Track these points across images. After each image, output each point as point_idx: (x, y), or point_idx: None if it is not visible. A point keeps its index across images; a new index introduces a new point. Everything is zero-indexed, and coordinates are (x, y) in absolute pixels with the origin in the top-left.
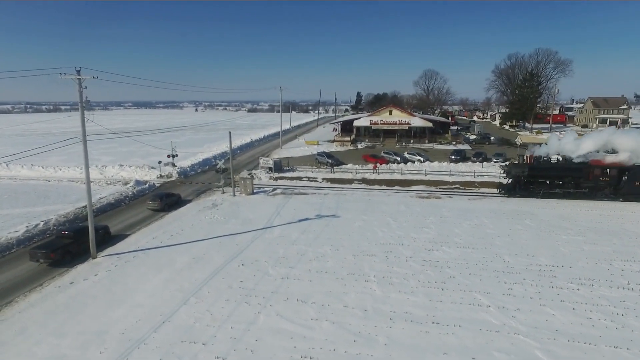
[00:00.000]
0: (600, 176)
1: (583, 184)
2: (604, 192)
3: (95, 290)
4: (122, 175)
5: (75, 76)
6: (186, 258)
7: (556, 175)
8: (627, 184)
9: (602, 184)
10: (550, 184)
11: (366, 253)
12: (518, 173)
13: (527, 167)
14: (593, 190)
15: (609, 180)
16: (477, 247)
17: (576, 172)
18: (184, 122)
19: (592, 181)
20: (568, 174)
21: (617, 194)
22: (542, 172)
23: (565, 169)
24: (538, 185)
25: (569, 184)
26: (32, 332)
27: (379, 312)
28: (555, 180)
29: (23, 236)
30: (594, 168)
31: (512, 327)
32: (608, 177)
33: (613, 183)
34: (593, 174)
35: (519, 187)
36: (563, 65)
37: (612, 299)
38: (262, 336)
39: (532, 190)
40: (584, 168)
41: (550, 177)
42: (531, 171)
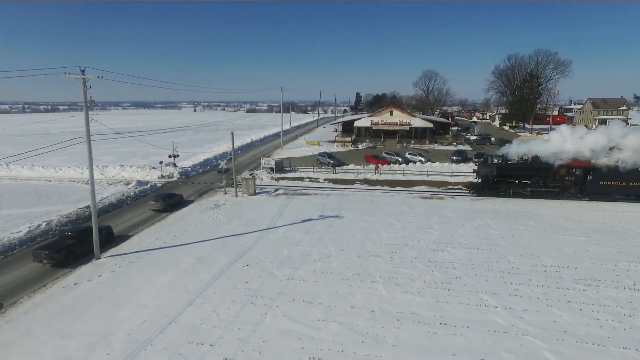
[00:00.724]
0: (566, 176)
1: (550, 183)
2: (570, 192)
3: (100, 291)
4: (123, 175)
5: (79, 76)
6: (190, 258)
7: (524, 175)
8: (592, 184)
9: (568, 184)
10: (519, 184)
11: (371, 254)
12: (487, 173)
13: (495, 167)
14: (560, 189)
15: (575, 179)
16: (481, 247)
17: (543, 172)
18: (184, 123)
19: (559, 181)
20: (535, 173)
21: (583, 193)
22: (510, 171)
23: (532, 169)
24: (506, 185)
25: (536, 183)
26: (38, 333)
27: (386, 313)
28: (523, 179)
29: (25, 237)
30: (559, 168)
31: (520, 328)
32: (574, 176)
33: (579, 183)
34: (559, 174)
35: (488, 186)
36: (562, 66)
37: (618, 300)
38: (269, 337)
39: (501, 189)
40: (550, 168)
41: (518, 177)
42: (499, 171)
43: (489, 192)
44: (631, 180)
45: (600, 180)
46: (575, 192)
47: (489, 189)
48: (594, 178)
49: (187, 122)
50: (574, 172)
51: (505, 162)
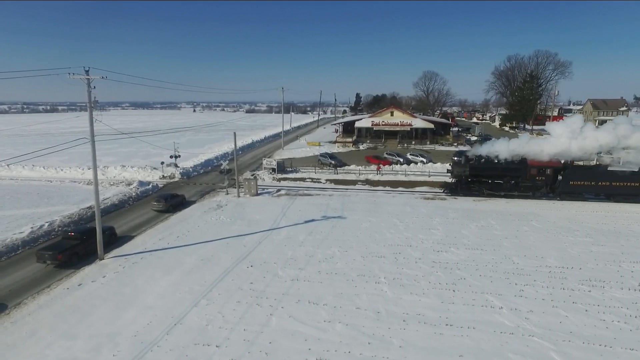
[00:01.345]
0: (537, 176)
1: (522, 183)
2: (541, 192)
3: (105, 292)
4: (125, 176)
5: (83, 76)
6: (194, 259)
7: (496, 175)
8: (563, 184)
9: (540, 184)
10: (492, 183)
11: (375, 254)
12: (460, 173)
13: (468, 167)
14: (531, 189)
15: (545, 179)
16: (485, 248)
17: (514, 172)
18: (183, 123)
19: (530, 180)
20: (507, 173)
21: (554, 193)
22: (482, 171)
23: (504, 169)
24: (479, 185)
25: (508, 183)
26: (43, 334)
27: (392, 313)
28: (496, 179)
29: (28, 237)
30: (530, 168)
31: (527, 329)
32: (544, 176)
33: (549, 182)
34: (530, 174)
35: (461, 186)
36: (562, 67)
37: (624, 301)
38: (275, 338)
39: (474, 189)
40: (522, 168)
41: (491, 177)
42: (472, 171)
43: (463, 192)
44: (600, 180)
45: (571, 180)
46: (547, 191)
47: (462, 188)
48: (565, 178)
49: (186, 122)
50: (544, 172)
51: (478, 162)
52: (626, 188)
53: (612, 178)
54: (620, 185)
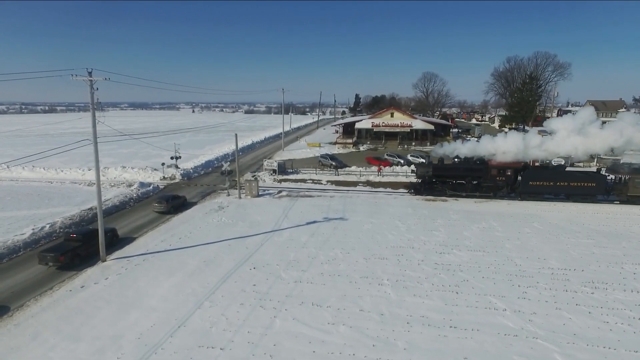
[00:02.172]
0: (497, 176)
1: (483, 183)
2: (502, 192)
3: (107, 294)
4: (125, 177)
5: (86, 77)
6: (197, 261)
7: (458, 175)
8: (523, 184)
9: (501, 184)
10: (454, 184)
11: (377, 256)
12: (423, 173)
13: (431, 168)
14: (493, 189)
15: (506, 180)
16: (487, 250)
17: (476, 172)
18: (183, 124)
19: (491, 181)
20: (469, 174)
21: (515, 193)
22: (445, 172)
23: (466, 169)
24: (442, 185)
25: (470, 183)
26: (47, 337)
27: (396, 316)
28: (458, 180)
29: (29, 239)
30: (491, 168)
31: (531, 331)
32: (504, 177)
33: (510, 183)
34: (491, 174)
35: (424, 186)
36: (562, 68)
37: (627, 303)
38: (280, 340)
39: (437, 189)
40: (483, 168)
41: (453, 177)
42: (435, 171)
43: (427, 192)
44: (558, 181)
45: (530, 180)
46: (508, 192)
47: (426, 189)
48: (524, 178)
49: (185, 123)
50: (504, 173)
51: (441, 162)
52: (583, 188)
53: (569, 178)
54: (578, 185)
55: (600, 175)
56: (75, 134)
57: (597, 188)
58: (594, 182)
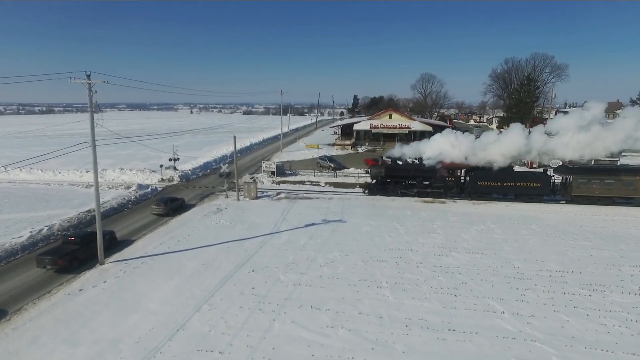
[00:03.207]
0: (446, 177)
1: (434, 184)
2: (452, 192)
3: (106, 298)
4: (123, 179)
5: (85, 80)
6: (195, 264)
7: (409, 176)
8: (471, 184)
9: (450, 184)
10: (406, 184)
11: (376, 259)
12: (377, 174)
13: (384, 168)
14: (443, 189)
15: (455, 180)
16: (486, 252)
17: (426, 173)
18: (181, 125)
19: (441, 181)
20: (419, 174)
21: (464, 193)
22: (397, 172)
23: (416, 170)
24: (394, 185)
25: (422, 184)
26: (45, 340)
27: (394, 318)
28: (410, 180)
29: (27, 242)
30: (441, 169)
31: (529, 333)
32: (454, 177)
33: (458, 183)
34: (440, 175)
35: (378, 187)
36: (559, 70)
37: (624, 305)
38: (279, 344)
39: (390, 189)
40: (433, 169)
41: (405, 178)
42: (387, 172)
43: (380, 192)
44: (505, 181)
45: (478, 180)
46: (458, 192)
47: (379, 189)
48: (472, 179)
49: (184, 124)
50: (454, 173)
51: (394, 163)
52: (530, 188)
53: (516, 178)
54: (524, 185)
55: (545, 175)
56: (73, 135)
57: (542, 188)
58: (539, 183)
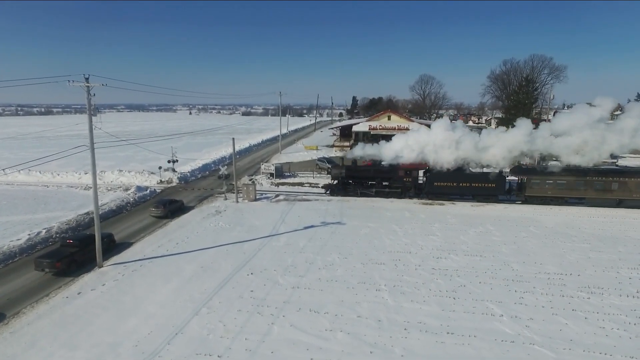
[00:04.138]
0: (404, 177)
1: (393, 184)
2: (410, 192)
3: (104, 301)
4: (122, 180)
5: (83, 83)
6: (194, 267)
7: (369, 177)
8: (428, 185)
9: (408, 185)
10: (366, 185)
11: (375, 261)
12: (337, 175)
13: (344, 169)
14: (401, 190)
15: (412, 181)
16: (484, 255)
17: (385, 174)
18: (180, 126)
19: (399, 182)
20: (378, 175)
21: (422, 193)
22: (357, 173)
23: (376, 171)
24: (355, 186)
25: (380, 184)
26: (43, 344)
27: (393, 322)
28: (370, 181)
29: (25, 244)
30: (398, 170)
31: (527, 337)
32: (411, 178)
33: (416, 184)
34: (398, 175)
35: (338, 187)
36: (558, 71)
37: (623, 308)
38: (277, 348)
39: (350, 190)
40: (391, 170)
41: (364, 178)
42: (348, 172)
43: (340, 193)
44: (461, 181)
45: (434, 181)
46: (415, 192)
47: (339, 189)
48: (429, 179)
49: (182, 125)
50: (411, 174)
51: (354, 164)
52: (484, 189)
53: (471, 179)
54: (479, 186)
55: (499, 176)
56: (72, 136)
57: (497, 189)
58: (494, 183)
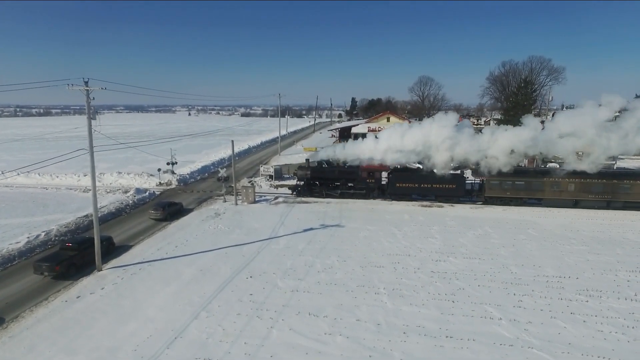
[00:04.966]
0: (367, 179)
1: (357, 185)
2: (374, 193)
3: (104, 305)
4: (121, 183)
5: (83, 87)
6: (193, 270)
7: (334, 178)
8: (390, 186)
9: (372, 186)
10: (331, 186)
11: (374, 264)
12: (303, 176)
13: (309, 170)
14: (365, 191)
15: (376, 182)
16: (483, 257)
17: (349, 175)
18: (179, 127)
19: (362, 183)
20: (343, 176)
21: (385, 194)
22: (322, 174)
23: (340, 172)
24: (320, 187)
25: (345, 185)
26: (42, 349)
27: (392, 325)
28: (335, 182)
29: (24, 247)
30: (362, 171)
31: (526, 340)
32: (374, 179)
33: (378, 185)
34: (362, 177)
35: (305, 188)
36: (556, 72)
37: (621, 311)
38: (277, 352)
39: (315, 191)
40: (354, 171)
41: (330, 179)
42: (313, 173)
43: (306, 194)
44: (422, 182)
45: (397, 182)
46: (379, 193)
47: (305, 190)
48: (391, 180)
49: (181, 126)
50: (374, 175)
51: (320, 165)
52: (446, 189)
53: (433, 180)
54: (441, 187)
55: (460, 177)
56: (71, 138)
57: (457, 189)
58: (454, 184)
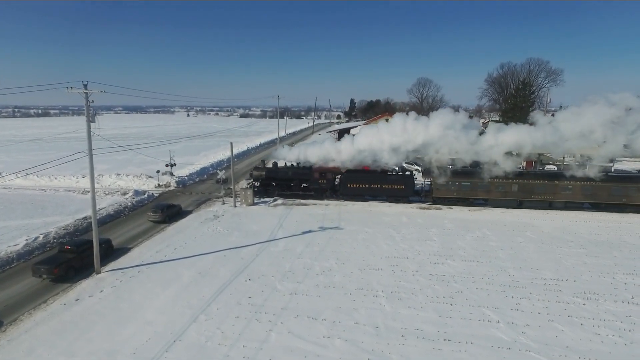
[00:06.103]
0: (319, 179)
1: (310, 186)
2: (326, 194)
3: (102, 307)
4: (120, 184)
5: (82, 90)
6: (192, 273)
7: (288, 179)
8: (342, 186)
9: (324, 186)
10: (284, 186)
11: (372, 267)
12: (258, 176)
13: (264, 171)
14: (317, 191)
15: (327, 183)
16: (481, 260)
17: (302, 176)
18: (178, 128)
19: (315, 184)
20: (296, 177)
21: (337, 195)
22: (276, 175)
23: (294, 173)
24: (274, 187)
25: (298, 186)
26: (41, 352)
27: (390, 328)
28: (289, 182)
29: (23, 250)
30: (314, 172)
31: (523, 343)
32: (326, 180)
33: (330, 185)
34: (314, 178)
35: (260, 188)
36: (554, 74)
37: (618, 314)
38: (275, 355)
39: (269, 191)
40: (307, 172)
41: (283, 180)
42: (268, 174)
43: (261, 194)
44: (372, 183)
45: (348, 182)
46: (331, 194)
47: (259, 190)
48: (342, 181)
49: (180, 128)
50: (326, 176)
51: (275, 166)
52: (395, 190)
53: (383, 181)
54: (390, 187)
55: (408, 178)
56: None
57: (406, 190)
58: (403, 185)
